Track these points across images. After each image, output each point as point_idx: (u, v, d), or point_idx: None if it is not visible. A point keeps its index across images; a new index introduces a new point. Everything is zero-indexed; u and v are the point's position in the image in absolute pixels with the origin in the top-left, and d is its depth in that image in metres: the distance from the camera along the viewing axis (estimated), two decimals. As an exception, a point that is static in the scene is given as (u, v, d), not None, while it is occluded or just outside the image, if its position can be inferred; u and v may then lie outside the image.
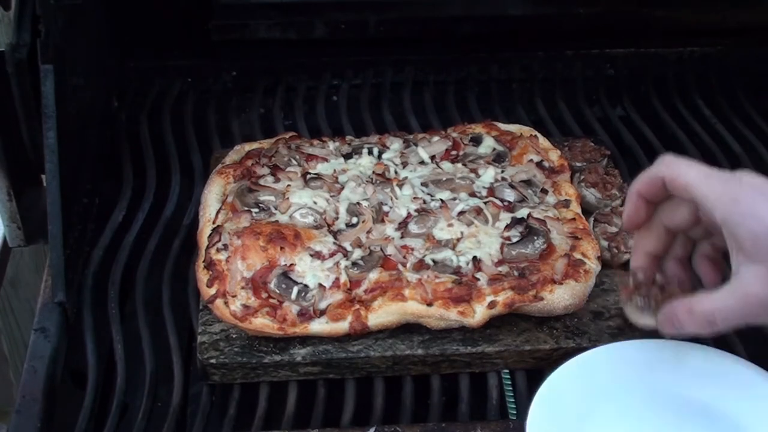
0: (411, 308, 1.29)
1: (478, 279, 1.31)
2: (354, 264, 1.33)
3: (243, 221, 1.38)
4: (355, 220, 1.40)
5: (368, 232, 1.38)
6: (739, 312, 1.05)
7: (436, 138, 1.54)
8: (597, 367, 1.22)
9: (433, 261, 1.33)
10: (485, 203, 1.41)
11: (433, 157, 1.51)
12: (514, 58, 1.88)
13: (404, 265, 1.33)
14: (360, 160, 1.50)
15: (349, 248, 1.35)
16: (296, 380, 1.31)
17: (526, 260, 1.34)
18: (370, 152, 1.51)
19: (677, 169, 1.09)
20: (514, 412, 1.28)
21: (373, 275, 1.32)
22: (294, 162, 1.49)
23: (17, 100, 1.42)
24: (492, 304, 1.29)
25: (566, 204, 1.43)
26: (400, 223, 1.39)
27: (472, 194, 1.44)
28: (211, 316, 1.33)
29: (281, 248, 1.33)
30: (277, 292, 1.30)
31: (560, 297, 1.31)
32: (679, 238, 1.16)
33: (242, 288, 1.31)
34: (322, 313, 1.29)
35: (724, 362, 1.24)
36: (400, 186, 1.45)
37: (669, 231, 1.15)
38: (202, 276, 1.34)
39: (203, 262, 1.36)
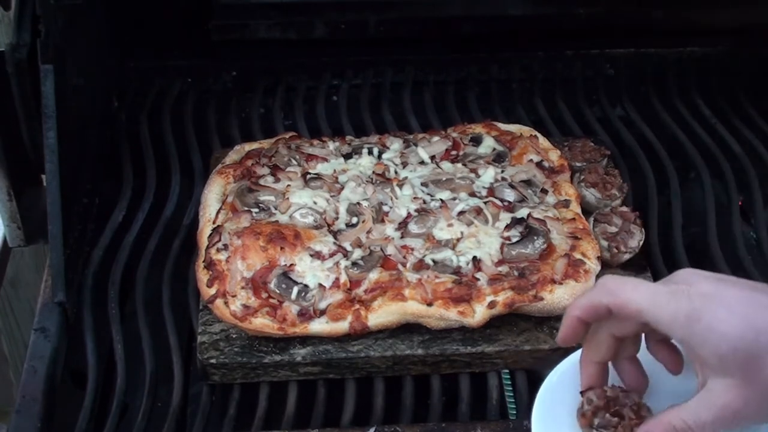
0: (411, 308, 1.29)
1: (478, 279, 1.31)
2: (354, 264, 1.33)
3: (243, 221, 1.38)
4: (355, 220, 1.40)
5: (368, 232, 1.38)
6: (716, 424, 1.02)
7: (436, 138, 1.54)
8: None
9: (433, 261, 1.33)
10: (485, 203, 1.41)
11: (433, 157, 1.51)
12: (514, 58, 1.88)
13: (404, 265, 1.33)
14: (360, 160, 1.50)
15: (349, 248, 1.35)
16: (296, 380, 1.31)
17: (526, 260, 1.34)
18: (370, 152, 1.51)
19: (624, 296, 1.04)
20: (514, 412, 1.28)
21: (373, 275, 1.32)
22: (294, 162, 1.49)
23: (17, 100, 1.42)
24: (492, 304, 1.29)
25: (566, 204, 1.43)
26: (400, 223, 1.39)
27: (472, 194, 1.44)
28: (211, 316, 1.33)
29: (281, 248, 1.34)
30: (277, 292, 1.30)
31: (560, 297, 1.31)
32: (627, 340, 1.11)
33: (242, 288, 1.31)
34: (322, 313, 1.29)
35: None
36: (400, 186, 1.45)
37: (617, 338, 1.10)
38: (202, 276, 1.34)
39: (203, 262, 1.36)
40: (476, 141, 1.53)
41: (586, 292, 1.10)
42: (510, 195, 1.43)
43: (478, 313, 1.29)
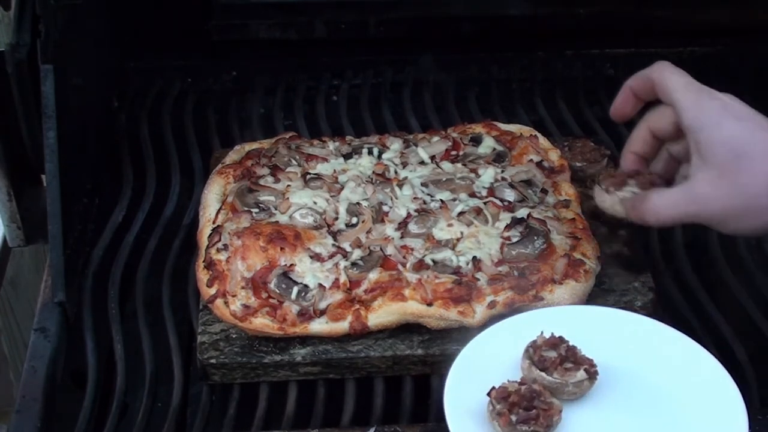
0: (411, 308, 1.29)
1: (478, 279, 1.31)
2: (354, 264, 1.33)
3: (243, 221, 1.38)
4: (354, 220, 1.40)
5: (368, 232, 1.38)
6: (683, 208, 1.17)
7: (436, 138, 1.54)
8: (520, 332, 1.21)
9: (433, 261, 1.33)
10: (485, 203, 1.41)
11: (433, 157, 1.51)
12: (514, 58, 1.88)
13: (404, 265, 1.33)
14: (360, 160, 1.50)
15: (348, 249, 1.35)
16: (296, 380, 1.31)
17: (526, 260, 1.34)
18: (370, 152, 1.51)
19: (665, 74, 1.21)
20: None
21: (373, 275, 1.32)
22: (294, 162, 1.49)
23: (17, 100, 1.42)
24: (492, 304, 1.29)
25: (566, 204, 1.43)
26: (399, 223, 1.39)
27: (472, 194, 1.44)
28: (211, 316, 1.33)
29: (281, 248, 1.33)
30: (277, 292, 1.30)
31: (560, 297, 1.31)
32: (662, 154, 1.27)
33: (242, 288, 1.31)
34: (322, 313, 1.29)
35: (652, 330, 1.24)
36: (400, 186, 1.45)
37: (654, 136, 1.26)
38: (202, 276, 1.34)
39: (203, 262, 1.36)
40: (476, 141, 1.53)
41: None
42: (510, 195, 1.43)
43: (478, 313, 1.29)
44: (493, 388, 1.12)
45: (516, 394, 1.11)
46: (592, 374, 1.14)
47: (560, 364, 1.14)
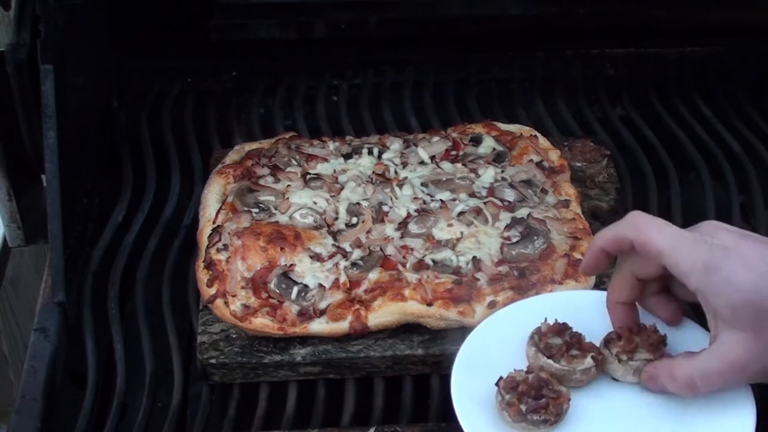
0: (411, 308, 1.29)
1: (478, 279, 1.32)
2: (354, 264, 1.33)
3: (243, 221, 1.38)
4: (354, 220, 1.40)
5: (368, 232, 1.38)
6: (722, 377, 1.05)
7: (436, 138, 1.54)
8: (523, 319, 1.20)
9: (433, 261, 1.34)
10: (485, 203, 1.41)
11: (433, 157, 1.51)
12: (514, 58, 1.88)
13: (404, 265, 1.33)
14: (360, 160, 1.50)
15: (348, 249, 1.35)
16: (296, 380, 1.31)
17: (526, 260, 1.34)
18: (370, 152, 1.51)
19: (648, 235, 1.07)
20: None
21: (373, 275, 1.32)
22: (294, 162, 1.49)
23: (17, 100, 1.42)
24: (492, 304, 1.29)
25: (566, 204, 1.43)
26: (399, 223, 1.40)
27: (472, 194, 1.44)
28: (211, 316, 1.33)
29: (281, 248, 1.34)
30: (277, 292, 1.30)
31: (560, 297, 1.31)
32: (650, 282, 1.15)
33: (242, 288, 1.31)
34: (322, 313, 1.29)
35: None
36: (400, 186, 1.45)
37: (639, 280, 1.14)
38: (202, 276, 1.34)
39: (203, 262, 1.36)
40: (476, 141, 1.53)
41: (612, 224, 1.13)
42: (510, 195, 1.43)
43: (478, 313, 1.29)
44: (501, 378, 1.12)
45: (524, 384, 1.10)
46: (599, 361, 1.14)
47: (566, 351, 1.14)
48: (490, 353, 1.18)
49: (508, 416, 1.09)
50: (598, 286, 1.36)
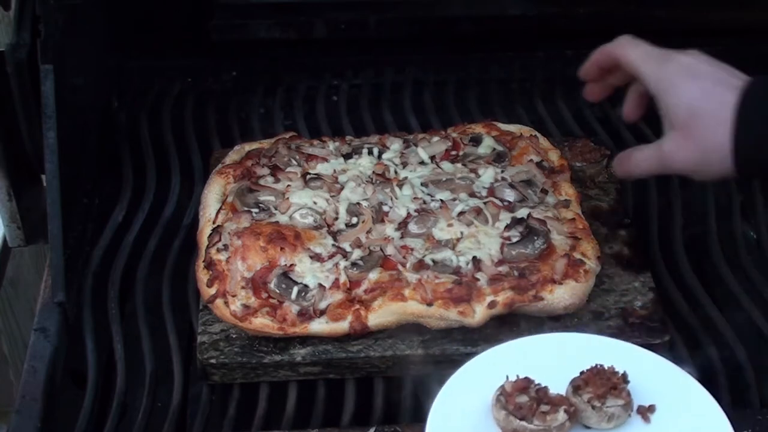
0: (411, 308, 1.29)
1: (478, 279, 1.31)
2: (353, 264, 1.33)
3: (243, 221, 1.38)
4: (354, 220, 1.40)
5: (368, 232, 1.38)
6: (656, 162, 1.33)
7: (436, 138, 1.54)
8: (481, 378, 1.17)
9: (433, 261, 1.33)
10: (485, 203, 1.41)
11: (433, 158, 1.51)
12: (514, 58, 1.88)
13: (404, 265, 1.33)
14: (360, 160, 1.50)
15: (348, 249, 1.35)
16: (296, 380, 1.31)
17: (526, 260, 1.34)
18: (370, 152, 1.51)
19: (626, 49, 1.34)
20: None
21: (373, 275, 1.32)
22: (294, 162, 1.49)
23: (17, 100, 1.42)
24: (492, 304, 1.29)
25: (566, 204, 1.43)
26: (399, 223, 1.39)
27: (472, 194, 1.44)
28: (211, 316, 1.33)
29: (281, 248, 1.34)
30: (277, 292, 1.30)
31: (560, 297, 1.31)
32: (631, 94, 1.41)
33: (242, 288, 1.31)
34: (322, 313, 1.29)
35: (627, 353, 1.21)
36: (400, 186, 1.45)
37: (643, 96, 1.38)
38: (202, 276, 1.34)
39: (203, 262, 1.36)
40: (476, 141, 1.53)
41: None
42: (510, 195, 1.43)
43: (478, 313, 1.29)
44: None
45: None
46: (572, 414, 1.11)
47: (537, 408, 1.10)
48: (456, 424, 1.13)
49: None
50: (598, 285, 1.37)
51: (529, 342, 1.23)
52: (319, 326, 1.29)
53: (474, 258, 1.33)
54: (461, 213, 1.40)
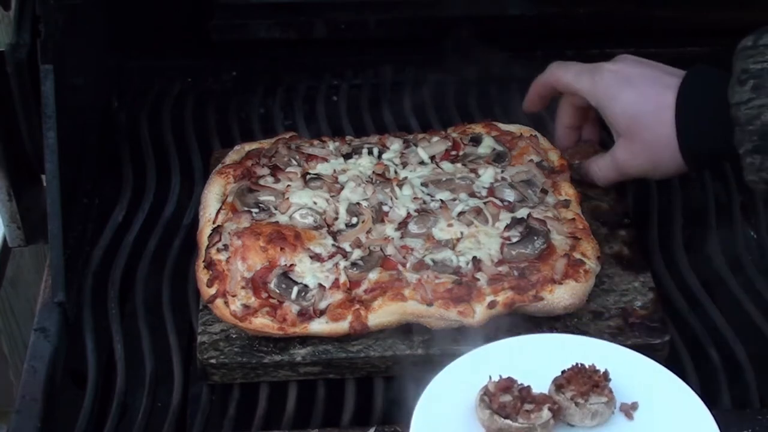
0: (411, 308, 1.29)
1: (478, 279, 1.31)
2: (353, 264, 1.33)
3: (243, 221, 1.38)
4: (354, 220, 1.40)
5: (368, 232, 1.38)
6: (613, 171, 1.41)
7: (435, 138, 1.54)
8: (485, 366, 1.18)
9: (433, 261, 1.33)
10: (485, 203, 1.41)
11: (433, 158, 1.51)
12: (514, 58, 1.88)
13: (404, 265, 1.33)
14: (360, 160, 1.50)
15: (348, 249, 1.35)
16: (296, 380, 1.31)
17: (526, 260, 1.34)
18: (370, 152, 1.51)
19: (558, 74, 1.43)
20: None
21: (373, 275, 1.32)
22: (294, 162, 1.49)
23: (17, 100, 1.42)
24: (492, 304, 1.29)
25: (566, 204, 1.43)
26: (399, 223, 1.39)
27: (472, 194, 1.44)
28: (211, 316, 1.33)
29: (281, 249, 1.33)
30: (277, 292, 1.30)
31: (560, 297, 1.31)
32: (588, 125, 1.51)
33: (242, 288, 1.31)
34: (322, 313, 1.29)
35: (609, 353, 1.21)
36: (400, 186, 1.45)
37: (577, 108, 1.47)
38: (202, 276, 1.34)
39: (203, 262, 1.36)
40: (476, 141, 1.53)
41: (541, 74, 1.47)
42: (510, 195, 1.43)
43: (478, 313, 1.29)
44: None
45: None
46: (555, 411, 1.12)
47: (521, 407, 1.11)
48: (440, 424, 1.13)
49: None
50: (598, 285, 1.37)
51: (509, 344, 1.23)
52: (319, 326, 1.29)
53: (474, 258, 1.33)
54: (461, 213, 1.40)
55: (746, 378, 1.33)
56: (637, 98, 1.32)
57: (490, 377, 1.14)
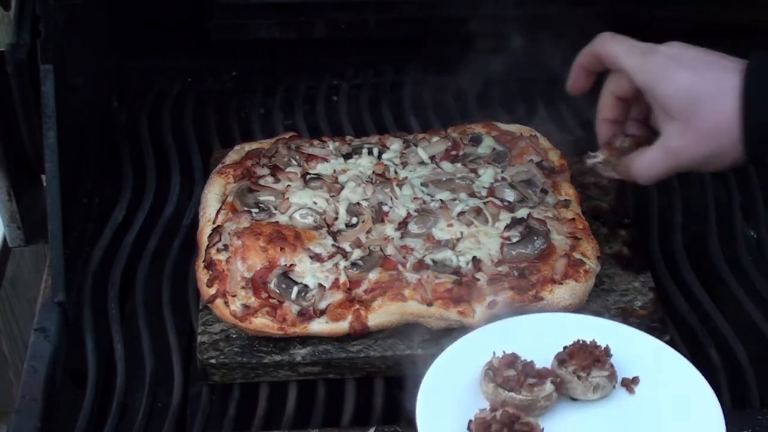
0: (411, 308, 1.29)
1: (478, 279, 1.31)
2: (353, 264, 1.33)
3: (243, 221, 1.38)
4: (354, 220, 1.40)
5: (368, 232, 1.38)
6: (666, 163, 1.25)
7: (435, 138, 1.54)
8: (469, 355, 1.20)
9: (433, 261, 1.33)
10: (485, 203, 1.41)
11: (432, 157, 1.51)
12: (515, 57, 1.88)
13: (404, 265, 1.33)
14: (360, 160, 1.50)
15: (348, 249, 1.35)
16: (296, 380, 1.31)
17: (526, 260, 1.34)
18: (370, 152, 1.51)
19: (608, 46, 1.28)
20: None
21: (373, 275, 1.32)
22: (294, 162, 1.49)
23: (17, 100, 1.42)
24: (492, 304, 1.29)
25: (566, 204, 1.43)
26: (399, 223, 1.39)
27: (472, 194, 1.44)
28: (211, 316, 1.33)
29: (281, 249, 1.34)
30: (277, 292, 1.30)
31: (560, 297, 1.31)
32: (633, 104, 1.33)
33: (242, 288, 1.31)
34: (322, 313, 1.29)
35: (603, 330, 1.23)
36: (400, 186, 1.45)
37: (619, 99, 1.32)
38: (202, 276, 1.34)
39: (203, 262, 1.36)
40: (476, 141, 1.53)
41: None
42: (510, 195, 1.43)
43: (478, 313, 1.29)
44: (471, 420, 1.11)
45: (495, 422, 1.09)
46: (558, 384, 1.14)
47: (524, 380, 1.13)
48: (446, 397, 1.16)
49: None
50: (598, 285, 1.37)
51: (512, 322, 1.26)
52: (319, 326, 1.29)
53: (474, 258, 1.33)
54: (461, 213, 1.40)
55: (746, 378, 1.33)
56: (695, 79, 1.20)
57: (494, 353, 1.16)
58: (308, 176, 1.46)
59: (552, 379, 1.14)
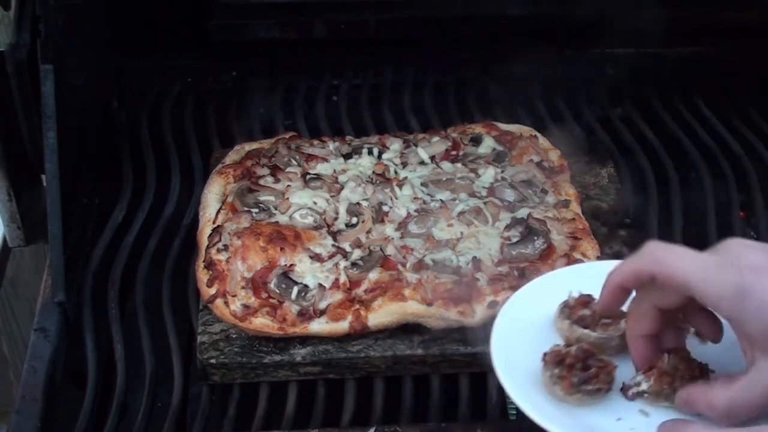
0: (411, 308, 1.29)
1: (478, 279, 1.32)
2: (353, 264, 1.33)
3: (243, 221, 1.38)
4: (354, 220, 1.40)
5: (368, 232, 1.38)
6: (761, 404, 0.98)
7: (436, 138, 1.54)
8: (544, 295, 1.19)
9: (433, 261, 1.33)
10: (485, 203, 1.41)
11: (433, 158, 1.51)
12: (514, 57, 1.88)
13: (404, 265, 1.33)
14: (360, 160, 1.50)
15: (348, 249, 1.35)
16: (296, 380, 1.31)
17: (526, 260, 1.34)
18: (370, 152, 1.51)
19: (671, 266, 0.99)
20: (514, 412, 1.28)
21: (373, 275, 1.32)
22: (294, 162, 1.49)
23: (17, 100, 1.42)
24: (492, 304, 1.29)
25: (566, 204, 1.43)
26: (399, 223, 1.40)
27: (472, 194, 1.44)
28: (211, 316, 1.33)
29: (281, 249, 1.34)
30: (277, 292, 1.30)
31: (560, 297, 1.31)
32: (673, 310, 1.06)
33: (242, 288, 1.31)
34: (322, 313, 1.29)
35: None
36: (400, 186, 1.45)
37: (661, 311, 1.05)
38: (202, 276, 1.34)
39: (203, 262, 1.36)
40: (476, 141, 1.53)
41: (629, 259, 1.04)
42: (510, 195, 1.43)
43: (478, 313, 1.29)
44: (545, 353, 1.09)
45: (570, 356, 1.08)
46: None
47: (599, 320, 1.13)
48: (520, 333, 1.16)
49: (560, 390, 1.08)
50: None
51: (585, 267, 1.27)
52: (319, 326, 1.29)
53: (474, 258, 1.33)
54: (461, 213, 1.40)
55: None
56: None
57: (570, 292, 1.16)
58: (308, 176, 1.46)
59: (626, 320, 1.11)
